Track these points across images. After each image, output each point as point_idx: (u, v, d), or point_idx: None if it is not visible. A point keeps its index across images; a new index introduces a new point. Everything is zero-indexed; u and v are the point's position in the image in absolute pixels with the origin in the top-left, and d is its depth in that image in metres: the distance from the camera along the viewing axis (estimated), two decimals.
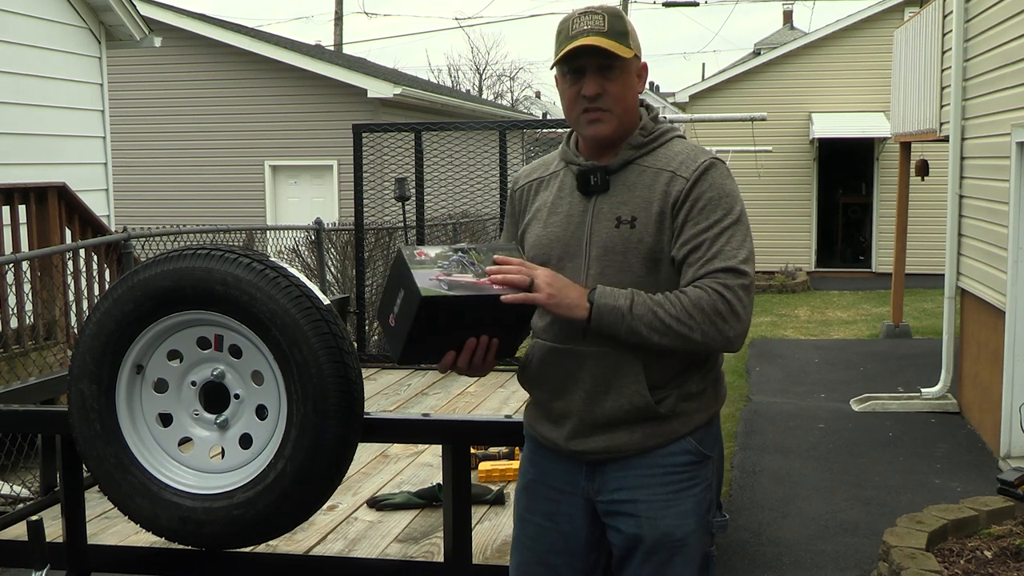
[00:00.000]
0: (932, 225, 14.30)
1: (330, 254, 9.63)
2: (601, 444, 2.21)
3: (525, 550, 2.35)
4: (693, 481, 2.23)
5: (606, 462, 2.23)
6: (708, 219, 2.15)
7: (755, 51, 31.65)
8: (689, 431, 2.22)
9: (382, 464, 3.88)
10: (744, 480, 6.32)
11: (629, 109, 2.24)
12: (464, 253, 2.14)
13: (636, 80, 2.25)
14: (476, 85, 42.23)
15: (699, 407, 2.23)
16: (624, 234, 2.18)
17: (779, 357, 10.50)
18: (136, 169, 14.82)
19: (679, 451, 2.21)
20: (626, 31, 2.21)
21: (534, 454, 2.37)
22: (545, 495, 2.31)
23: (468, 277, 2.09)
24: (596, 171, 2.23)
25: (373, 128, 6.01)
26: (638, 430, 2.19)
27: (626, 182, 2.23)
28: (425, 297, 2.04)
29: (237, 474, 2.69)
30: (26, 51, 8.31)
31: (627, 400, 2.18)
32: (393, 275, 2.14)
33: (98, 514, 3.34)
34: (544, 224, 2.29)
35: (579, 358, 2.21)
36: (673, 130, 2.30)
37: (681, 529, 2.21)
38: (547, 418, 2.30)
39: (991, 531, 4.71)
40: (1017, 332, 6.36)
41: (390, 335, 2.16)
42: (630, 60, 2.21)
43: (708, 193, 2.16)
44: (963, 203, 7.91)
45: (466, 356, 2.17)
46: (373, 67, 19.51)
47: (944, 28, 8.75)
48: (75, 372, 2.73)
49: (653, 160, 2.23)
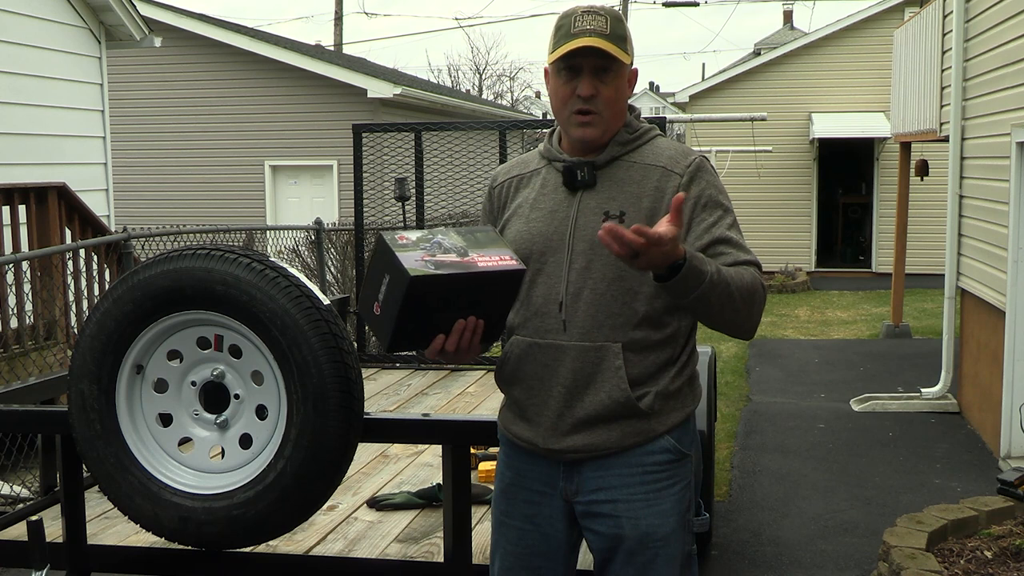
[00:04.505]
0: (932, 225, 14.30)
1: (330, 254, 9.64)
2: (579, 442, 2.19)
3: (507, 555, 2.32)
4: (673, 480, 2.22)
5: (584, 461, 2.21)
6: (713, 214, 2.19)
7: (755, 51, 31.67)
8: (667, 429, 2.21)
9: (382, 464, 3.88)
10: (744, 480, 6.32)
11: (618, 114, 2.24)
12: (444, 235, 2.12)
13: (627, 86, 2.26)
14: (476, 85, 42.26)
15: (676, 405, 2.23)
16: None
17: (779, 357, 10.50)
18: (136, 169, 14.82)
19: (658, 450, 2.20)
20: (625, 36, 2.21)
21: (510, 457, 2.33)
22: (524, 497, 2.29)
23: (452, 257, 2.08)
24: (583, 166, 2.23)
25: (373, 128, 6.01)
26: (616, 428, 2.18)
27: (613, 177, 2.22)
28: (415, 276, 2.00)
29: (237, 474, 2.69)
30: (26, 51, 8.31)
31: (607, 395, 2.16)
32: (375, 262, 2.10)
33: (98, 514, 3.34)
34: (526, 220, 2.28)
35: (559, 353, 2.19)
36: (654, 128, 2.32)
37: (663, 528, 2.20)
38: (523, 417, 2.27)
39: (991, 531, 4.71)
40: (1017, 332, 6.36)
41: (376, 324, 2.12)
42: (625, 66, 2.21)
43: (708, 190, 2.21)
44: (963, 203, 7.91)
45: (454, 339, 2.11)
46: (373, 67, 19.51)
47: (944, 28, 8.75)
48: (75, 372, 2.73)
49: (640, 156, 2.24)
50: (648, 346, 2.18)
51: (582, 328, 2.17)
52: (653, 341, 2.18)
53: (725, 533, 5.35)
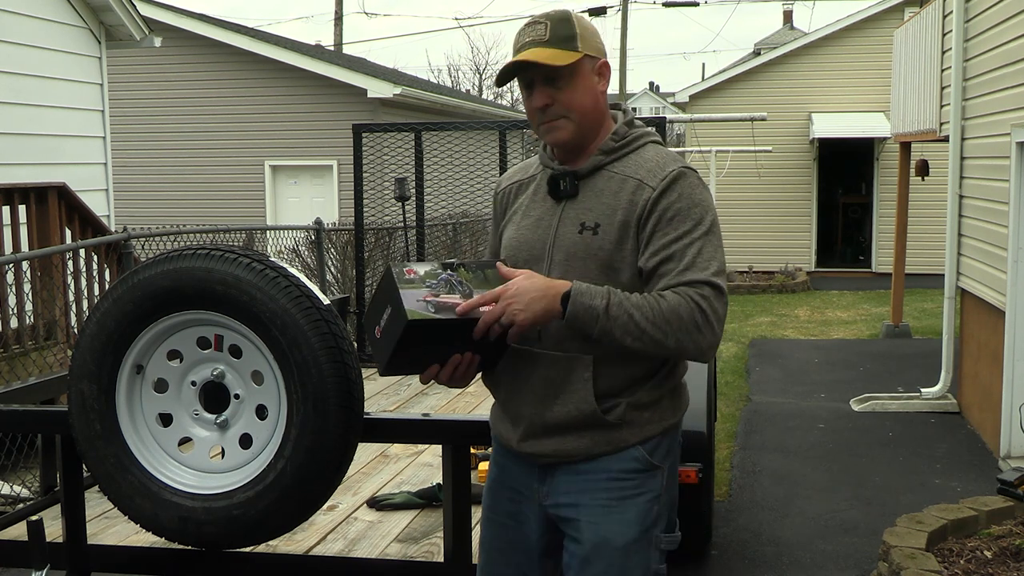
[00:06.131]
0: (932, 225, 14.30)
1: (330, 254, 9.64)
2: (550, 448, 2.20)
3: (492, 550, 2.34)
4: (639, 490, 2.18)
5: (557, 466, 2.21)
6: (678, 229, 2.10)
7: (755, 51, 31.67)
8: (640, 440, 2.17)
9: (382, 464, 3.88)
10: (744, 480, 6.32)
11: (588, 111, 2.20)
12: (453, 271, 2.14)
13: (596, 79, 2.20)
14: (476, 85, 42.26)
15: (652, 417, 2.19)
16: (586, 240, 2.15)
17: (779, 357, 10.50)
18: (136, 169, 14.82)
19: (626, 458, 2.17)
20: (572, 34, 2.16)
21: (497, 454, 2.36)
22: (507, 496, 2.31)
23: (456, 298, 2.10)
24: (566, 176, 2.21)
25: (373, 128, 6.01)
26: (586, 436, 2.17)
27: (594, 188, 2.20)
28: (411, 320, 2.05)
29: (237, 474, 2.69)
30: (26, 51, 8.31)
31: (575, 406, 2.16)
32: (381, 289, 2.15)
33: (98, 514, 3.34)
34: (517, 227, 2.29)
35: (531, 360, 2.19)
36: (648, 135, 2.25)
37: (622, 537, 2.15)
38: (504, 419, 2.30)
39: (991, 531, 4.71)
40: (1017, 332, 6.36)
41: (375, 346, 2.17)
42: (580, 63, 2.16)
43: (677, 204, 2.11)
44: (963, 203, 7.91)
45: (448, 371, 2.16)
46: (373, 67, 19.51)
47: (944, 28, 8.75)
48: (75, 372, 2.74)
49: (622, 167, 2.19)
50: (622, 358, 2.14)
51: (555, 338, 2.16)
52: (627, 354, 2.12)
53: (725, 533, 5.35)
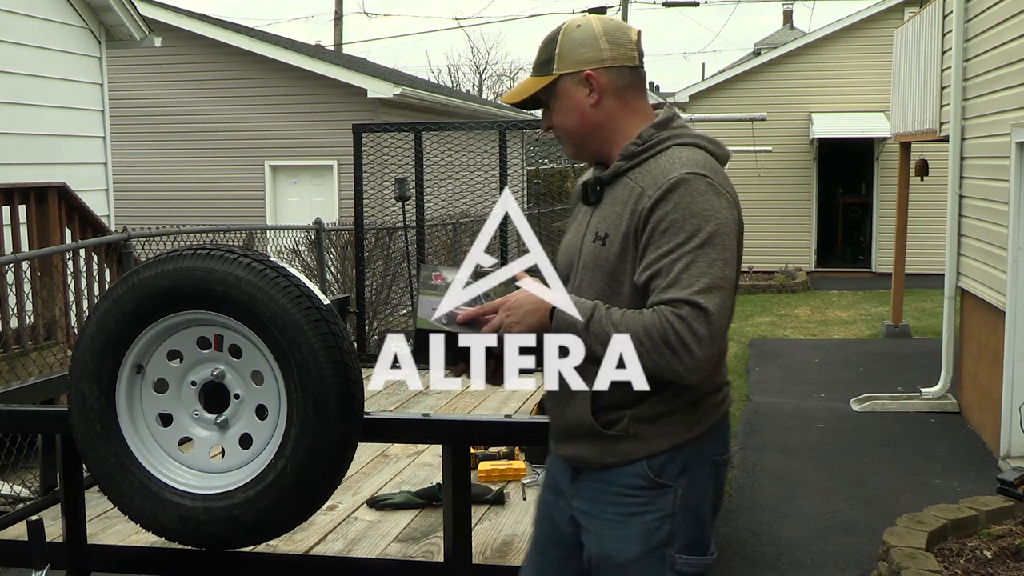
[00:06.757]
0: (932, 225, 14.31)
1: (330, 254, 9.63)
2: (570, 451, 2.22)
3: (535, 539, 2.39)
4: (645, 508, 2.13)
5: (582, 470, 2.22)
6: (670, 243, 2.01)
7: (755, 51, 31.66)
8: (646, 455, 2.12)
9: (382, 464, 3.88)
10: (744, 480, 6.32)
11: (573, 130, 2.20)
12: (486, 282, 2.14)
13: (584, 92, 2.15)
14: (476, 85, 42.24)
15: (660, 432, 2.11)
16: (596, 250, 2.15)
17: (779, 357, 10.50)
18: (136, 169, 14.82)
19: (631, 474, 2.13)
20: (550, 56, 2.17)
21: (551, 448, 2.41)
22: (551, 489, 2.34)
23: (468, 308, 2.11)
24: (596, 183, 2.21)
25: (373, 128, 6.01)
26: (597, 445, 2.16)
27: (612, 196, 2.17)
28: (420, 329, 2.12)
29: (237, 474, 2.69)
30: (26, 51, 8.31)
31: (575, 415, 2.17)
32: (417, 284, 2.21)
33: (98, 514, 3.34)
34: (568, 231, 2.33)
35: None
36: (675, 137, 2.15)
37: (623, 554, 2.13)
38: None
39: (991, 531, 4.72)
40: (1017, 332, 6.36)
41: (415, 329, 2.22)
42: (556, 85, 2.17)
43: (672, 215, 2.01)
44: (963, 203, 7.91)
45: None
46: (373, 67, 19.51)
47: (944, 28, 8.75)
48: (75, 372, 2.73)
49: (638, 173, 2.13)
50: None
51: None
52: None
53: (725, 533, 5.35)
